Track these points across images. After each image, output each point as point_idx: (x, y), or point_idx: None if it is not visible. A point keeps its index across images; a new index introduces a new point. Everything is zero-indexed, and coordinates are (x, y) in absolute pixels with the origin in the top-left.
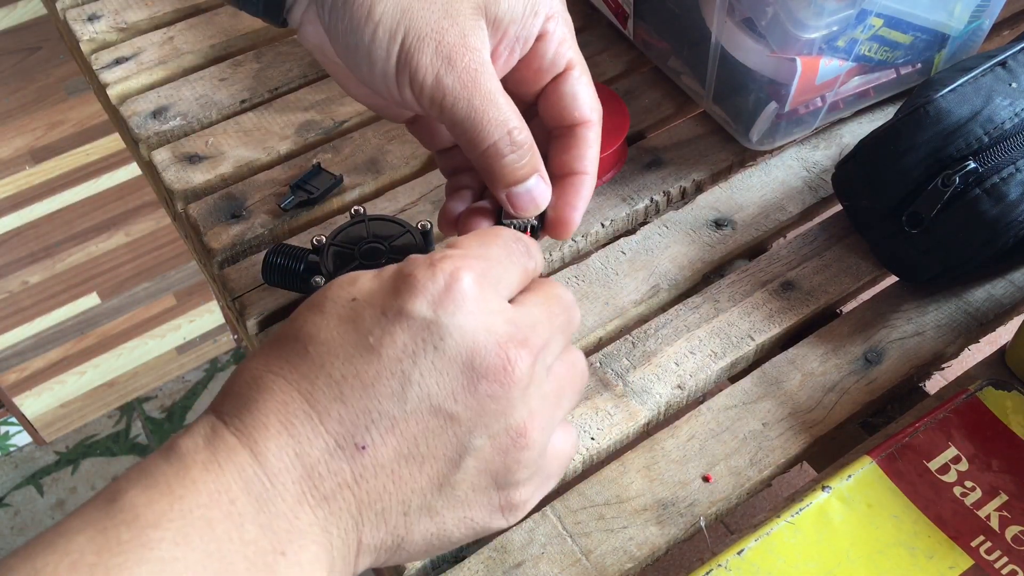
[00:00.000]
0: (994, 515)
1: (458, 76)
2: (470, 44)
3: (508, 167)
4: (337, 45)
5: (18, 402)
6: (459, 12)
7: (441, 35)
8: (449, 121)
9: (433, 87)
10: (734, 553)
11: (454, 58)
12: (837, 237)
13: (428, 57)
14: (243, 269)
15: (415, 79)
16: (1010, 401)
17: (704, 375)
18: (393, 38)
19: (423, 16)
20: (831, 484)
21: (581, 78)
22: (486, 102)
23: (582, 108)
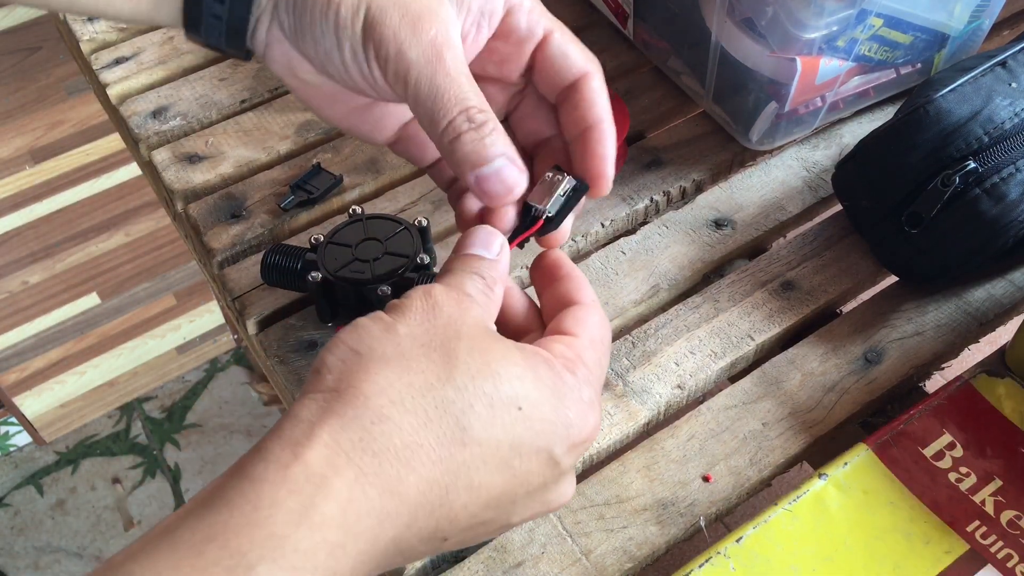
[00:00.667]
0: (988, 500)
1: (423, 49)
2: (436, 16)
3: (467, 146)
4: (305, 44)
5: (18, 402)
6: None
7: (405, 6)
8: (412, 99)
9: (397, 60)
10: (732, 541)
11: (419, 28)
12: (837, 237)
13: (392, 28)
14: (243, 269)
15: (380, 52)
16: (1003, 388)
17: (704, 375)
18: (357, 12)
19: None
20: (827, 472)
21: (564, 37)
22: (447, 79)
23: (574, 62)
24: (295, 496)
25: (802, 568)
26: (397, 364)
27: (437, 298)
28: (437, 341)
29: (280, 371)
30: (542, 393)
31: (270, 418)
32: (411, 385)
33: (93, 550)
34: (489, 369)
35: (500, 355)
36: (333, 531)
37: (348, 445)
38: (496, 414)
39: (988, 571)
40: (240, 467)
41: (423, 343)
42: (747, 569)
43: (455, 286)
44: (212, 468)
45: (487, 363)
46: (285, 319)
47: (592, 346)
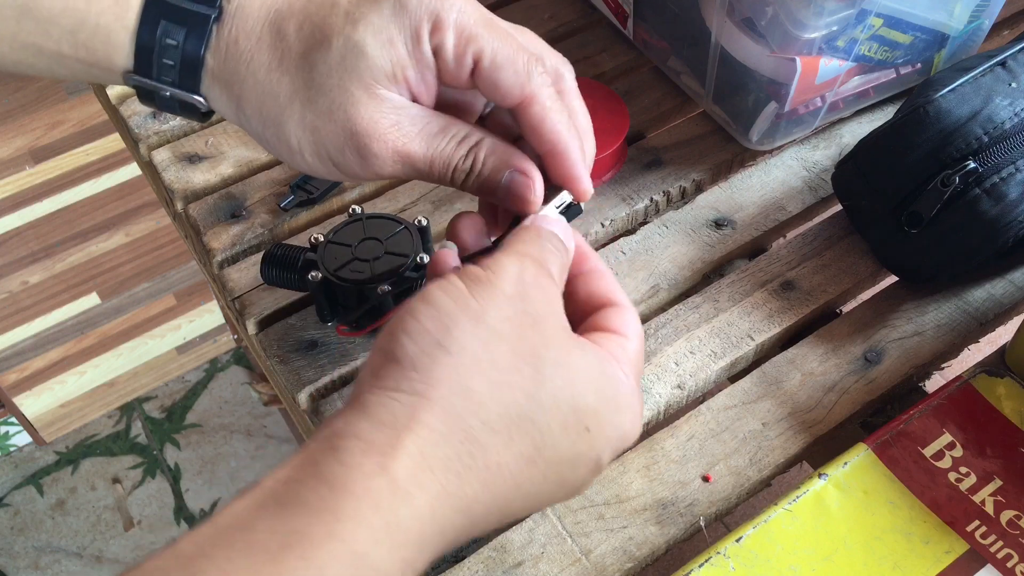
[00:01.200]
0: (988, 500)
1: (390, 163)
2: (382, 130)
3: (475, 187)
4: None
5: (18, 402)
6: (357, 102)
7: (355, 138)
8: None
9: (378, 176)
10: (732, 541)
11: (377, 151)
12: (837, 237)
13: (355, 164)
14: (243, 269)
15: (360, 177)
16: (1003, 388)
17: (704, 375)
18: (321, 158)
19: (330, 129)
20: (827, 471)
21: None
22: (426, 162)
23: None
24: (380, 514)
25: (802, 568)
26: (490, 376)
27: (527, 283)
28: (526, 348)
29: (280, 371)
30: (609, 406)
31: (270, 418)
32: (501, 402)
33: (93, 550)
34: (571, 388)
35: (582, 371)
36: (410, 549)
37: (436, 463)
38: (567, 434)
39: (988, 571)
40: (314, 465)
41: (512, 347)
42: (747, 569)
43: (543, 263)
44: (212, 468)
45: (569, 380)
46: (285, 319)
47: (640, 352)
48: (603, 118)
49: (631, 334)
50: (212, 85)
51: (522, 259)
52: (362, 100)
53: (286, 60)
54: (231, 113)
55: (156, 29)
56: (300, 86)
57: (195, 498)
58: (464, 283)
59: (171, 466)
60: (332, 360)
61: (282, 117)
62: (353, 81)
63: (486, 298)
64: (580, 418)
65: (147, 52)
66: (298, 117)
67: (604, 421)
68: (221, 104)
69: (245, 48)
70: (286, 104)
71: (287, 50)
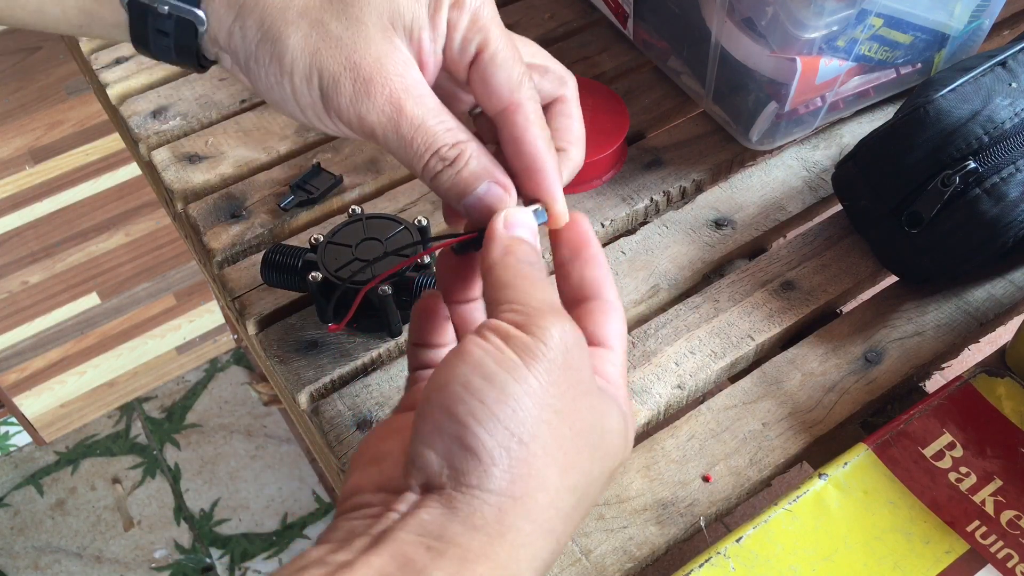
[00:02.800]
0: (988, 500)
1: (380, 109)
2: (387, 71)
3: (446, 183)
4: (269, 98)
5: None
6: (369, 39)
7: (356, 70)
8: (386, 148)
9: (359, 124)
10: (732, 541)
11: (372, 91)
12: (837, 237)
13: (346, 97)
14: (243, 269)
15: (342, 119)
16: (1003, 388)
17: (704, 375)
18: (311, 84)
19: (332, 55)
20: (827, 471)
21: (493, 60)
22: (412, 128)
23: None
24: None
25: (802, 568)
26: (561, 462)
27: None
28: (583, 425)
29: (280, 371)
30: (620, 443)
31: (270, 418)
32: (568, 488)
33: (93, 550)
34: (611, 453)
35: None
36: None
37: (525, 565)
38: (602, 484)
39: (988, 571)
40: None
41: (574, 428)
42: (747, 569)
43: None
44: (212, 468)
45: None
46: (285, 319)
47: (624, 356)
48: (603, 118)
49: (616, 343)
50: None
51: (560, 319)
52: (376, 39)
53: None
54: (227, 24)
55: None
56: (314, 5)
57: (195, 498)
58: (516, 353)
59: (171, 466)
60: (332, 360)
61: (285, 31)
62: (373, 18)
63: (542, 371)
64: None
65: None
66: (303, 34)
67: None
68: (220, 15)
69: None
70: (294, 18)
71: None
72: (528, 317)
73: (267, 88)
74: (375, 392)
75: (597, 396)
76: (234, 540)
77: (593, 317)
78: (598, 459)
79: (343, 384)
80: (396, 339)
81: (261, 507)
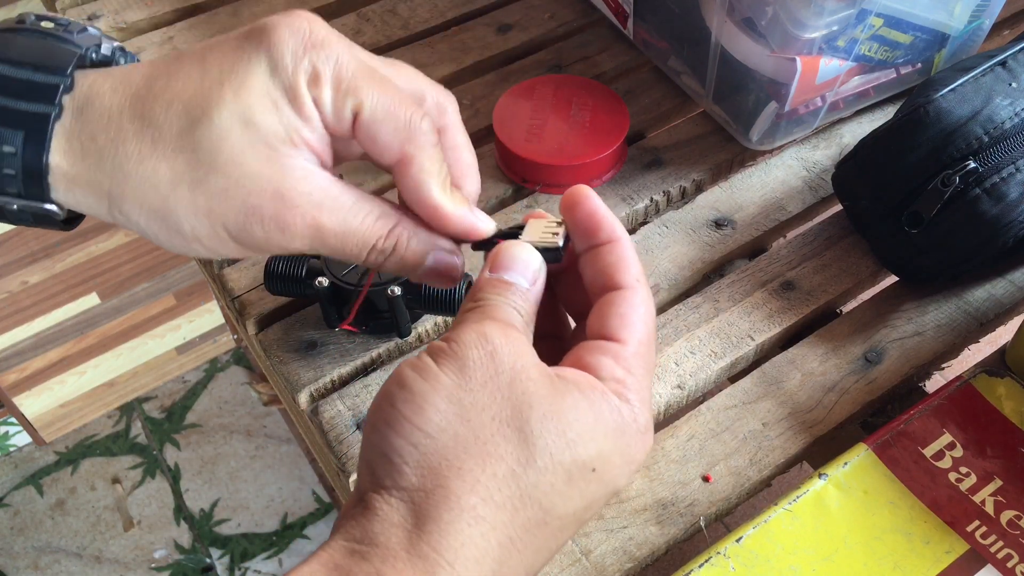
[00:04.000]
0: (989, 500)
1: (300, 236)
2: (289, 199)
3: (395, 268)
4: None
5: (18, 402)
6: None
7: (258, 212)
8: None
9: (290, 249)
10: (732, 541)
11: (285, 225)
12: (837, 237)
13: (261, 239)
14: (243, 269)
15: (271, 250)
16: (1003, 388)
17: (704, 375)
18: (221, 240)
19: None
20: (827, 471)
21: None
22: (339, 239)
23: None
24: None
25: (802, 568)
26: (476, 451)
27: (494, 343)
28: (507, 412)
29: (280, 371)
30: (609, 440)
31: (270, 418)
32: (495, 476)
33: (93, 550)
34: (565, 441)
35: (570, 415)
36: None
37: (451, 555)
38: (575, 486)
39: (988, 571)
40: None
41: (492, 415)
42: (747, 569)
43: (505, 321)
44: (212, 468)
45: (562, 432)
46: (285, 319)
47: (640, 351)
48: (603, 118)
49: (628, 335)
50: (71, 189)
51: (481, 322)
52: (264, 173)
53: (160, 145)
54: (104, 213)
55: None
56: (182, 169)
57: (195, 498)
58: (433, 359)
59: (171, 466)
60: (332, 360)
61: (167, 206)
62: (248, 154)
63: (455, 370)
64: (584, 465)
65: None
66: (186, 202)
67: (610, 456)
68: (89, 206)
69: (105, 143)
70: (169, 191)
71: (158, 135)
72: (455, 329)
73: (178, 250)
74: (375, 392)
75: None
76: (234, 540)
77: (599, 310)
78: (548, 449)
79: (343, 384)
80: (396, 339)
81: (261, 507)
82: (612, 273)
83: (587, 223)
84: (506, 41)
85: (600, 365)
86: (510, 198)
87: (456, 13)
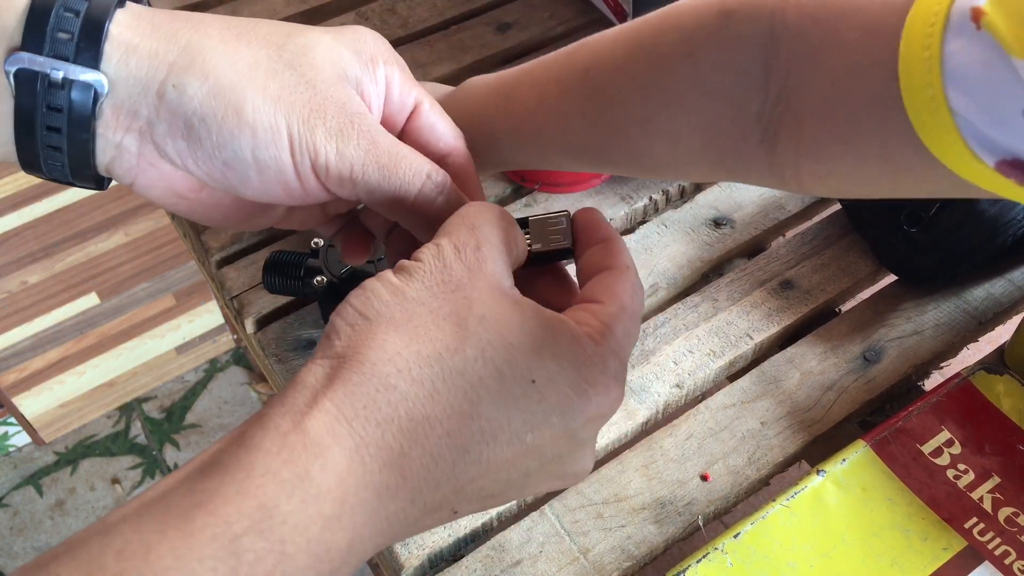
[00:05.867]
0: (987, 497)
1: (357, 144)
2: (353, 111)
3: (443, 211)
4: (209, 166)
5: (17, 402)
6: (328, 83)
7: (323, 112)
8: (364, 190)
9: (338, 164)
10: (730, 536)
11: (345, 129)
12: (836, 236)
13: (321, 138)
14: (241, 268)
15: (317, 163)
16: (1002, 385)
17: (703, 374)
18: (277, 132)
19: (297, 100)
20: (826, 468)
21: (431, 110)
22: (393, 158)
23: (444, 135)
24: (289, 466)
25: (800, 564)
26: (406, 331)
27: (448, 256)
28: (447, 308)
29: (278, 369)
30: (561, 364)
31: None
32: (419, 354)
33: None
34: (501, 339)
35: (516, 325)
36: (328, 504)
37: (351, 413)
38: (507, 387)
39: (985, 567)
40: (240, 433)
41: (432, 309)
42: (744, 564)
43: (471, 231)
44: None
45: (500, 334)
46: (283, 318)
47: (621, 314)
48: None
49: (608, 298)
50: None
51: (439, 237)
52: (335, 85)
53: (245, 38)
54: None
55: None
56: (263, 57)
57: None
58: (392, 270)
59: (170, 466)
60: None
61: (238, 83)
62: (327, 69)
63: (406, 275)
64: (520, 370)
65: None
66: (259, 85)
67: (558, 378)
68: (138, 78)
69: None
70: (244, 70)
71: (244, 31)
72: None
73: (215, 147)
74: None
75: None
76: None
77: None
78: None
79: None
80: None
81: None
82: (604, 258)
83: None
84: (505, 40)
85: (577, 316)
86: (509, 197)
87: (455, 12)
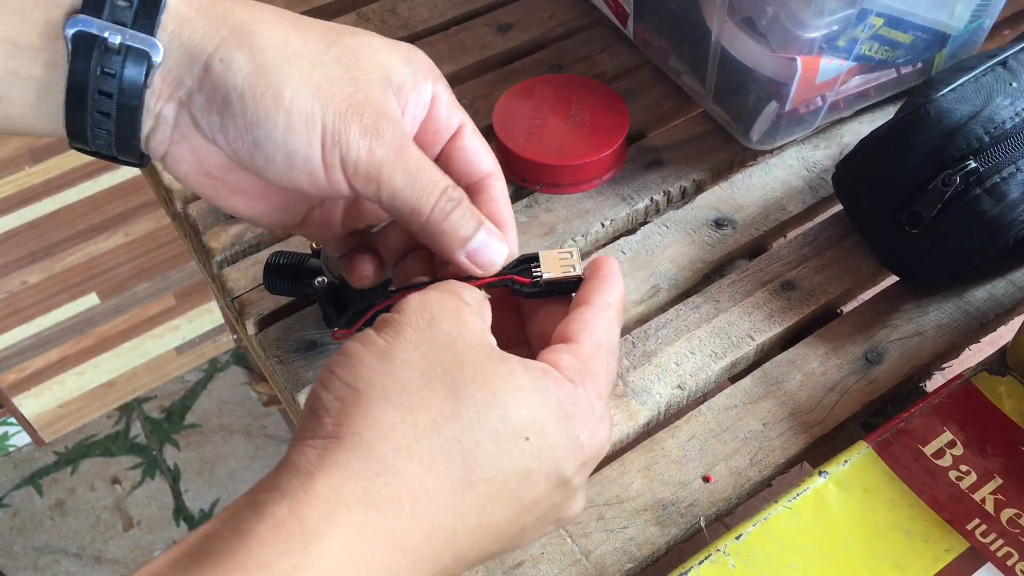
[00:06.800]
0: (989, 498)
1: (388, 146)
2: (389, 114)
3: (456, 224)
4: (239, 144)
5: (17, 402)
6: (371, 83)
7: (361, 109)
8: (388, 194)
9: (368, 161)
10: (732, 538)
11: (381, 129)
12: (837, 237)
13: (355, 133)
14: (242, 269)
15: (347, 157)
16: (1004, 386)
17: (704, 375)
18: (312, 120)
19: (337, 93)
20: (828, 469)
21: (474, 134)
22: (419, 168)
23: (484, 160)
24: (287, 558)
25: (802, 565)
26: (398, 401)
27: (434, 311)
28: (438, 369)
29: (279, 371)
30: (550, 415)
31: (270, 418)
32: (415, 426)
33: (92, 550)
34: (495, 399)
35: (505, 380)
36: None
37: (350, 499)
38: (503, 448)
39: (988, 569)
40: (234, 518)
41: (423, 371)
42: (747, 566)
43: (451, 292)
44: (211, 468)
45: (492, 393)
46: (284, 319)
47: (598, 352)
48: (603, 118)
49: (585, 337)
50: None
51: (425, 293)
52: (377, 85)
53: (298, 28)
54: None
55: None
56: (312, 48)
57: (194, 499)
58: (375, 329)
59: (170, 466)
60: None
61: (283, 68)
62: (370, 71)
63: (392, 334)
64: (514, 429)
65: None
66: (302, 72)
67: (550, 429)
68: (190, 48)
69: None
70: (291, 55)
71: (298, 22)
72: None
73: (247, 126)
74: None
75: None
76: None
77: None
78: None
79: None
80: None
81: None
82: (588, 294)
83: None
84: (506, 41)
85: (558, 360)
86: (510, 198)
87: (456, 13)
